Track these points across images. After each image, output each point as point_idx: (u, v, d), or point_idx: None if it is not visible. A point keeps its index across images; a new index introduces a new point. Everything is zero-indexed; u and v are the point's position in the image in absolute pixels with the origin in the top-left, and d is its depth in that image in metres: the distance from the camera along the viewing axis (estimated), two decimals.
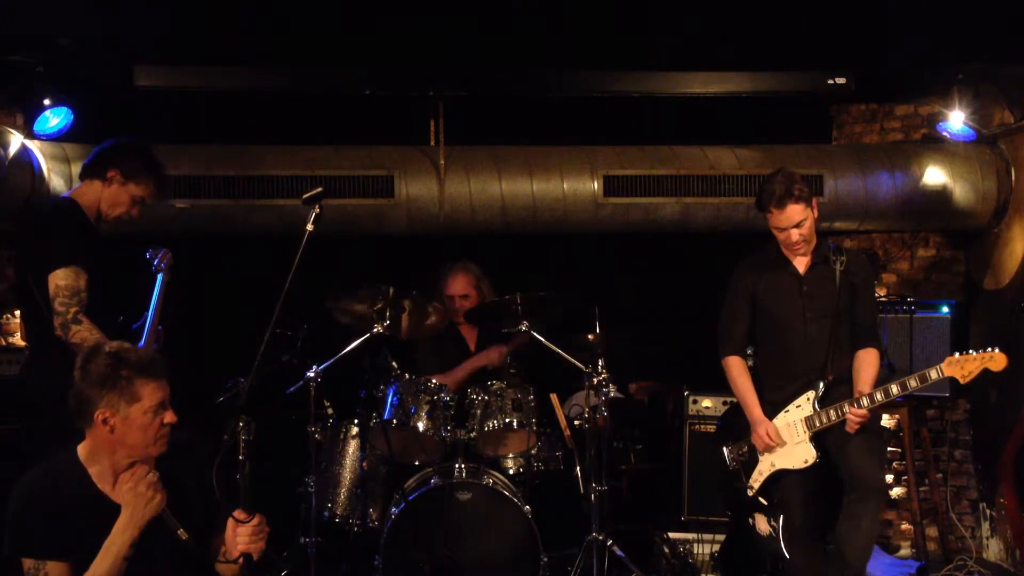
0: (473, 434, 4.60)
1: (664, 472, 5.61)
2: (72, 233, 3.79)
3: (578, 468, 4.73)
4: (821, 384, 3.94)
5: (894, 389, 3.80)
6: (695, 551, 5.33)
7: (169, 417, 2.67)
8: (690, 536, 5.39)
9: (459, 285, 5.16)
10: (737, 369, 4.11)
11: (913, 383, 3.79)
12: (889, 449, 5.88)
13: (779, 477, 4.01)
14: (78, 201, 3.91)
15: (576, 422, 4.83)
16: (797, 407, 3.97)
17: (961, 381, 3.77)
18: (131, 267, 4.23)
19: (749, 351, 4.29)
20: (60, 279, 3.68)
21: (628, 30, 4.79)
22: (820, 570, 4.03)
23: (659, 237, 5.73)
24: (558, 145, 5.57)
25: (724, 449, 4.20)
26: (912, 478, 5.58)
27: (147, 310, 4.12)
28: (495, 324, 4.86)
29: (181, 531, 2.69)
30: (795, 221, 3.93)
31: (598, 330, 4.69)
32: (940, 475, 5.80)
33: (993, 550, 5.61)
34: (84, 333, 3.67)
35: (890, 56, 5.16)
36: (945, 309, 5.44)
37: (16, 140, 4.99)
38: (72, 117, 4.96)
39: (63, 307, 3.67)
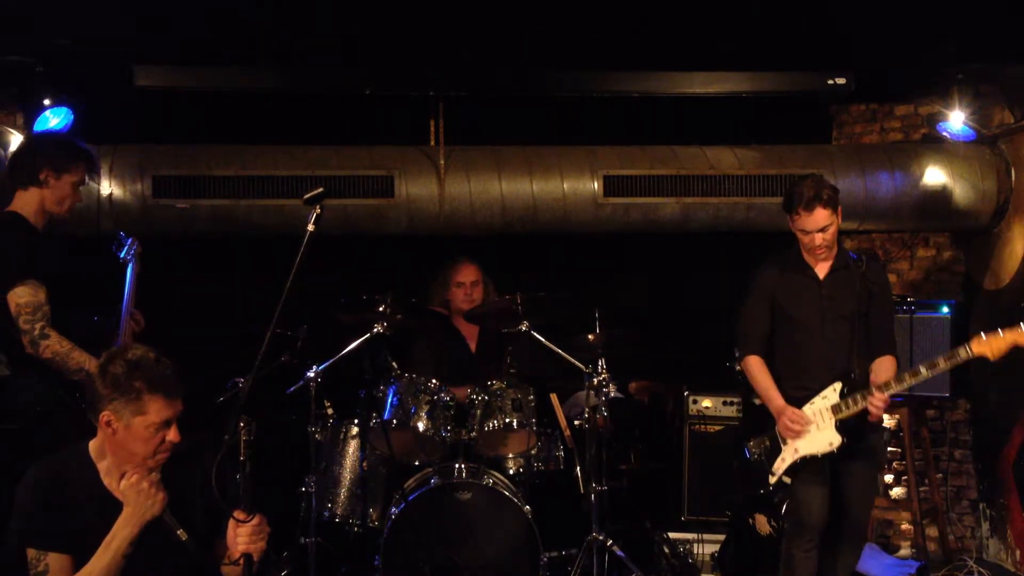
0: (473, 434, 4.60)
1: (664, 472, 5.61)
2: (21, 248, 3.74)
3: (578, 468, 4.74)
4: (848, 377, 3.98)
5: (923, 370, 3.82)
6: (695, 551, 5.34)
7: (172, 436, 2.67)
8: (690, 536, 5.40)
9: (470, 272, 5.19)
10: (757, 367, 4.13)
11: (943, 363, 3.79)
12: (889, 449, 5.88)
13: (796, 470, 4.02)
14: (20, 213, 3.84)
15: (576, 422, 4.83)
16: (823, 398, 4.00)
17: (991, 358, 3.73)
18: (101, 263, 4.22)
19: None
20: (19, 297, 3.64)
21: (628, 30, 4.78)
22: (812, 567, 4.05)
23: (659, 237, 5.73)
24: (558, 145, 5.57)
25: (748, 444, 4.20)
26: (912, 478, 5.59)
27: (120, 305, 4.10)
28: (495, 324, 4.87)
29: (181, 531, 2.69)
30: (821, 225, 3.96)
31: (598, 330, 4.69)
32: (940, 475, 5.80)
33: (993, 550, 5.61)
34: (55, 347, 3.64)
35: (890, 56, 5.16)
36: (945, 309, 5.45)
37: (16, 140, 5.00)
38: (72, 117, 4.95)
39: (28, 324, 3.63)
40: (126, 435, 2.64)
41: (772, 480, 4.09)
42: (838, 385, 3.98)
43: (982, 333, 3.77)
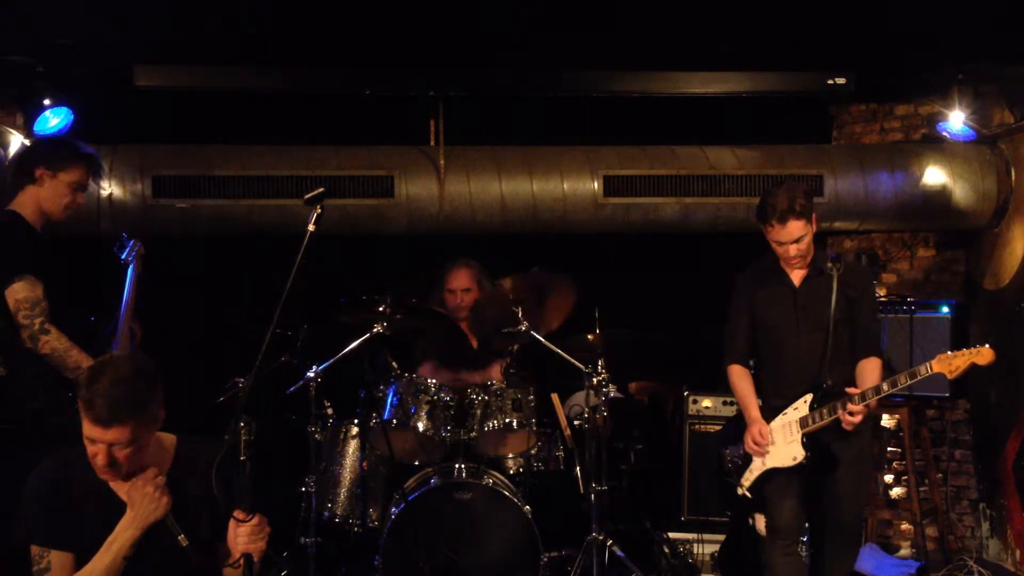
0: (473, 434, 4.60)
1: (664, 472, 5.61)
2: (18, 245, 3.75)
3: (578, 468, 4.74)
4: (820, 389, 3.96)
5: (885, 387, 3.81)
6: (695, 551, 5.34)
7: (99, 459, 2.59)
8: (690, 536, 5.40)
9: (461, 279, 5.16)
10: (737, 375, 4.13)
11: (903, 380, 3.79)
12: (889, 449, 5.89)
13: (769, 477, 4.03)
14: (19, 212, 3.85)
15: (576, 422, 4.83)
16: (794, 409, 3.99)
17: (948, 376, 3.76)
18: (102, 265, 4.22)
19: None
20: (18, 293, 3.65)
21: (628, 30, 4.78)
22: (794, 570, 4.05)
23: (659, 237, 5.73)
24: (558, 145, 5.57)
25: (724, 451, 4.22)
26: (912, 478, 5.58)
27: (119, 306, 4.10)
28: (495, 327, 4.87)
29: (182, 537, 2.69)
30: (795, 237, 3.90)
31: (598, 330, 4.69)
32: (940, 475, 5.80)
33: (993, 550, 5.61)
34: (54, 343, 3.66)
35: (890, 56, 5.16)
36: (945, 309, 5.44)
37: (16, 140, 5.00)
38: (72, 117, 4.96)
39: (27, 320, 3.64)
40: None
41: (739, 492, 4.11)
42: (808, 397, 3.96)
43: (948, 351, 3.79)
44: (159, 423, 2.70)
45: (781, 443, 3.98)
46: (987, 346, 3.74)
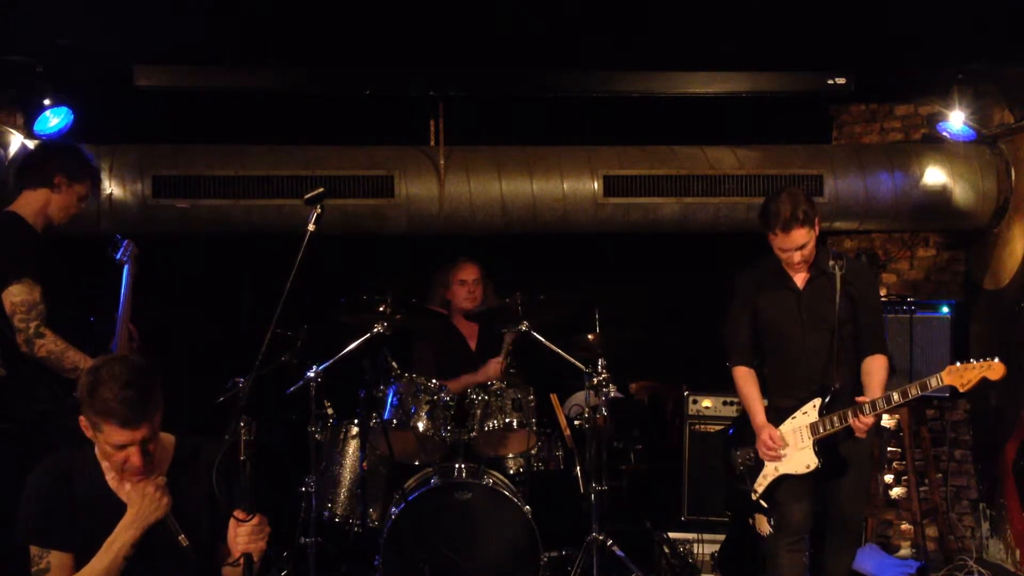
0: (473, 434, 4.60)
1: (664, 472, 5.61)
2: (18, 247, 3.74)
3: (578, 468, 4.74)
4: (828, 392, 3.96)
5: (895, 397, 3.81)
6: (695, 551, 5.34)
7: (133, 460, 2.60)
8: (690, 536, 5.40)
9: (471, 271, 5.23)
10: (743, 378, 4.12)
11: (914, 391, 3.79)
12: (889, 449, 5.89)
13: (780, 481, 4.04)
14: (20, 213, 3.85)
15: (576, 422, 4.83)
16: (804, 414, 3.99)
17: (960, 390, 3.76)
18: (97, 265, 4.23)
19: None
20: (15, 295, 3.64)
21: (628, 30, 4.78)
22: (798, 564, 4.08)
23: (659, 237, 5.73)
24: (558, 145, 5.57)
25: (734, 453, 4.21)
26: (912, 478, 5.58)
27: (117, 307, 4.10)
28: (495, 324, 4.87)
29: (182, 537, 2.69)
30: (799, 244, 3.91)
31: (598, 330, 4.69)
32: (940, 475, 5.80)
33: (993, 550, 5.61)
34: (50, 346, 3.65)
35: (890, 56, 5.16)
36: (945, 309, 5.44)
37: (16, 140, 5.00)
38: (72, 117, 4.95)
39: (23, 323, 3.64)
40: (96, 442, 2.66)
41: (753, 497, 4.11)
42: (817, 402, 3.96)
43: (957, 363, 3.79)
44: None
45: (792, 449, 3.99)
46: (998, 360, 3.72)
